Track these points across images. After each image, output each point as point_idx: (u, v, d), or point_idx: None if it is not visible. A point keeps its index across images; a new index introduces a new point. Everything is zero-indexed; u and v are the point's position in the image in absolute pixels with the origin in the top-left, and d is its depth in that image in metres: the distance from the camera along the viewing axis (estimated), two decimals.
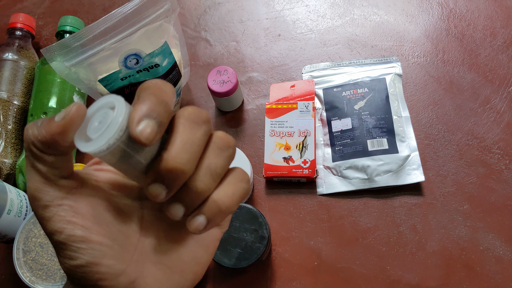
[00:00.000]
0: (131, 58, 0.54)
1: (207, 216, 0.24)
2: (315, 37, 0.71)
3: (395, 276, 0.55)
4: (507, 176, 0.58)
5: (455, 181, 0.59)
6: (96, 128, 0.22)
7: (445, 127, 0.62)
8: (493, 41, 0.66)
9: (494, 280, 0.53)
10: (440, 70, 0.66)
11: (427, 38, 0.68)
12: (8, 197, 0.55)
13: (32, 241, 0.53)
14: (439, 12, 0.70)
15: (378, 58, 0.67)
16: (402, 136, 0.60)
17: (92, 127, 0.22)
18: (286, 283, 0.56)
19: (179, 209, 0.24)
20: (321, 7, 0.73)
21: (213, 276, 0.58)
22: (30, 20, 0.72)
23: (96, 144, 0.21)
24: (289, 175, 0.60)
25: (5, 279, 0.61)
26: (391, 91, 0.63)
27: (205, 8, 0.76)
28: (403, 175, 0.58)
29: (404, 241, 0.56)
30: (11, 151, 0.64)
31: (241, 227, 0.52)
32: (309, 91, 0.65)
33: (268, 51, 0.71)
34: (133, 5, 0.50)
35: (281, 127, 0.62)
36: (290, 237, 0.59)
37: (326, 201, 0.60)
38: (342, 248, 0.57)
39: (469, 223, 0.56)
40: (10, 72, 0.67)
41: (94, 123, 0.22)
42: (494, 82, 0.64)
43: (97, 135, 0.22)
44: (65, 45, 0.50)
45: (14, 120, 0.65)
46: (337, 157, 0.61)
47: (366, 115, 0.61)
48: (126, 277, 0.25)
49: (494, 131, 0.61)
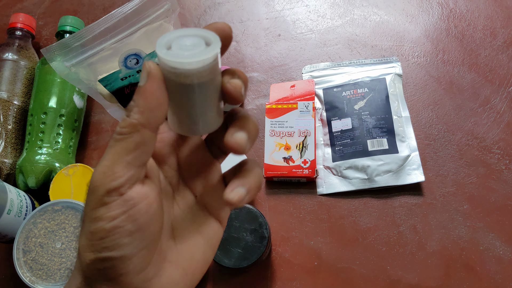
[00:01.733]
0: (131, 58, 0.54)
1: (247, 187, 0.25)
2: (315, 37, 0.71)
3: (395, 276, 0.55)
4: (507, 176, 0.58)
5: (455, 181, 0.59)
6: (189, 47, 0.22)
7: (445, 127, 0.62)
8: (493, 41, 0.66)
9: (494, 280, 0.53)
10: (440, 70, 0.66)
11: (427, 38, 0.68)
12: (8, 197, 0.55)
13: (32, 241, 0.53)
14: (439, 12, 0.70)
15: (378, 58, 0.67)
16: (402, 136, 0.60)
17: (180, 43, 0.23)
18: (286, 283, 0.56)
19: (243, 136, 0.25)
20: (321, 7, 0.73)
21: (213, 276, 0.58)
22: (30, 20, 0.72)
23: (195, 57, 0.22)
24: (289, 175, 0.60)
25: (5, 279, 0.61)
26: (391, 91, 0.63)
27: (205, 8, 0.76)
28: (403, 175, 0.58)
29: (404, 241, 0.56)
30: (11, 151, 0.64)
31: (241, 227, 0.52)
32: (309, 91, 0.65)
33: (268, 51, 0.71)
34: (133, 5, 0.50)
35: (281, 127, 0.62)
36: (290, 237, 0.59)
37: (326, 201, 0.60)
38: (342, 248, 0.57)
39: (469, 223, 0.56)
40: (10, 72, 0.67)
41: (186, 42, 0.23)
42: (494, 82, 0.64)
43: (193, 52, 0.22)
44: (65, 45, 0.50)
45: (14, 120, 0.65)
46: (337, 157, 0.61)
47: (366, 115, 0.61)
48: (145, 275, 0.25)
49: (494, 131, 0.61)
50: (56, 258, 0.53)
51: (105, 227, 0.23)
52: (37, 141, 0.62)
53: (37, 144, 0.62)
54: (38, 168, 0.61)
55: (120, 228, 0.23)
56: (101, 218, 0.23)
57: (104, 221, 0.23)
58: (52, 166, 0.61)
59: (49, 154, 0.62)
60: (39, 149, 0.62)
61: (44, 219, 0.54)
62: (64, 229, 0.54)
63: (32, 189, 0.62)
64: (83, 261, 0.24)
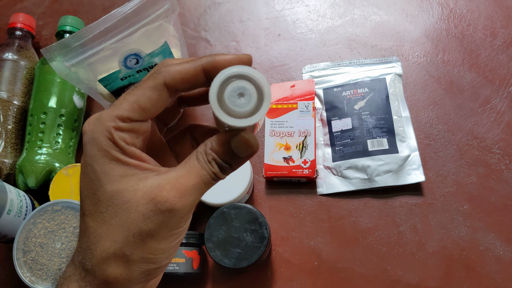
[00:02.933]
0: (131, 58, 0.54)
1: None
2: (315, 37, 0.71)
3: (395, 276, 0.55)
4: (507, 176, 0.58)
5: (455, 181, 0.59)
6: (242, 102, 0.24)
7: (445, 127, 0.62)
8: (493, 41, 0.66)
9: (494, 280, 0.53)
10: (440, 70, 0.66)
11: (427, 38, 0.68)
12: (8, 197, 0.55)
13: (32, 241, 0.53)
14: (439, 12, 0.70)
15: (378, 58, 0.67)
16: (402, 136, 0.60)
17: (233, 98, 0.24)
18: (286, 283, 0.56)
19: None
20: (321, 7, 0.73)
21: (213, 276, 0.58)
22: (30, 20, 0.72)
23: (255, 119, 0.24)
24: (289, 175, 0.60)
25: (5, 279, 0.61)
26: (391, 91, 0.63)
27: (205, 8, 0.76)
28: (403, 175, 0.58)
29: (404, 241, 0.56)
30: (11, 151, 0.64)
31: (241, 227, 0.52)
32: (309, 91, 0.64)
33: (268, 51, 0.71)
34: (133, 5, 0.50)
35: (281, 127, 0.62)
36: (290, 237, 0.59)
37: (326, 201, 0.60)
38: (342, 248, 0.57)
39: (469, 223, 0.56)
40: (10, 72, 0.67)
41: (234, 95, 0.24)
42: (494, 82, 0.64)
43: (251, 109, 0.24)
44: (65, 45, 0.50)
45: (14, 120, 0.65)
46: (337, 157, 0.61)
47: (366, 115, 0.61)
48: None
49: (494, 131, 0.61)
50: (56, 258, 0.53)
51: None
52: (37, 141, 0.62)
53: (37, 144, 0.62)
54: (38, 168, 0.61)
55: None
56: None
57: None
58: (52, 166, 0.61)
59: (49, 154, 0.62)
60: (39, 149, 0.62)
61: (44, 219, 0.54)
62: (64, 229, 0.54)
63: (32, 189, 0.62)
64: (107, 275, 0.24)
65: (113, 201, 0.24)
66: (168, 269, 0.53)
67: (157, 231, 0.24)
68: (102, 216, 0.24)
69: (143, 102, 0.24)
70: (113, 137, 0.24)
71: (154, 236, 0.24)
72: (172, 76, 0.24)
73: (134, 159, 0.25)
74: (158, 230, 0.24)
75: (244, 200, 0.60)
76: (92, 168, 0.24)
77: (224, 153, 0.25)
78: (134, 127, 0.25)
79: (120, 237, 0.24)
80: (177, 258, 0.53)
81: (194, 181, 0.24)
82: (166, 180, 0.24)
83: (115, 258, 0.24)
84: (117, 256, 0.24)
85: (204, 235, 0.52)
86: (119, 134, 0.24)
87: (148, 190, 0.24)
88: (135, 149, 0.25)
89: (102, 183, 0.24)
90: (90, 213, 0.25)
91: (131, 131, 0.25)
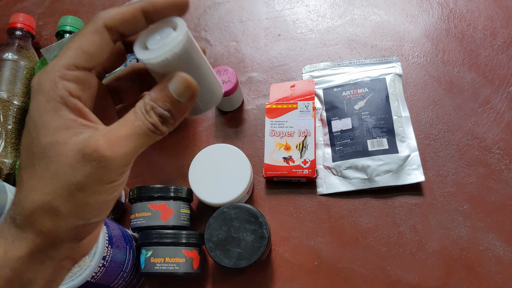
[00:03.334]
0: (131, 58, 0.54)
1: None
2: (315, 37, 0.71)
3: (395, 276, 0.55)
4: (507, 176, 0.58)
5: (455, 181, 0.59)
6: (156, 40, 0.25)
7: (445, 127, 0.62)
8: (493, 41, 0.66)
9: (494, 280, 0.53)
10: (440, 70, 0.66)
11: (427, 38, 0.68)
12: (8, 197, 0.55)
13: None
14: (439, 12, 0.70)
15: (378, 58, 0.67)
16: (402, 136, 0.60)
17: (152, 39, 0.25)
18: (286, 283, 0.56)
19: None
20: (321, 7, 0.73)
21: (213, 276, 0.58)
22: (30, 20, 0.72)
23: (152, 54, 0.25)
24: (289, 175, 0.60)
25: None
26: (391, 91, 0.63)
27: (205, 8, 0.76)
28: (403, 175, 0.58)
29: (404, 241, 0.56)
30: (11, 151, 0.64)
31: (241, 227, 0.52)
32: (309, 91, 0.65)
33: (268, 51, 0.71)
34: None
35: (281, 127, 0.62)
36: (290, 237, 0.59)
37: (326, 201, 0.60)
38: (342, 248, 0.57)
39: (469, 223, 0.56)
40: (10, 72, 0.67)
41: (156, 36, 0.25)
42: (494, 82, 0.64)
43: (155, 46, 0.25)
44: None
45: (14, 120, 0.65)
46: (337, 157, 0.61)
47: (366, 115, 0.61)
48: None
49: (494, 131, 0.61)
50: None
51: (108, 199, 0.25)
52: None
53: None
54: None
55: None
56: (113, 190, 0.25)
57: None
58: None
59: None
60: None
61: None
62: None
63: None
64: (60, 226, 0.24)
65: (45, 153, 0.23)
66: (168, 269, 0.53)
67: (86, 183, 0.23)
68: (34, 168, 0.24)
69: (86, 47, 0.24)
70: (56, 86, 0.24)
71: (82, 189, 0.23)
72: (112, 17, 0.25)
73: (75, 112, 0.24)
74: (86, 182, 0.23)
75: (244, 200, 0.60)
76: (32, 120, 0.24)
77: (163, 98, 0.25)
78: (80, 77, 0.24)
79: (48, 189, 0.23)
80: (177, 258, 0.53)
81: (127, 132, 0.24)
82: (97, 133, 0.24)
83: (43, 211, 0.23)
84: (44, 209, 0.23)
85: (204, 235, 0.52)
86: (64, 84, 0.24)
87: (79, 142, 0.23)
88: (78, 101, 0.24)
89: (38, 135, 0.24)
90: (24, 166, 0.24)
91: (77, 81, 0.24)
